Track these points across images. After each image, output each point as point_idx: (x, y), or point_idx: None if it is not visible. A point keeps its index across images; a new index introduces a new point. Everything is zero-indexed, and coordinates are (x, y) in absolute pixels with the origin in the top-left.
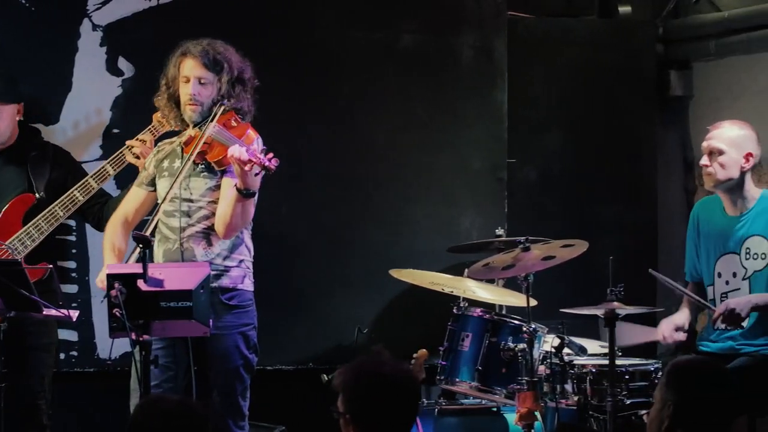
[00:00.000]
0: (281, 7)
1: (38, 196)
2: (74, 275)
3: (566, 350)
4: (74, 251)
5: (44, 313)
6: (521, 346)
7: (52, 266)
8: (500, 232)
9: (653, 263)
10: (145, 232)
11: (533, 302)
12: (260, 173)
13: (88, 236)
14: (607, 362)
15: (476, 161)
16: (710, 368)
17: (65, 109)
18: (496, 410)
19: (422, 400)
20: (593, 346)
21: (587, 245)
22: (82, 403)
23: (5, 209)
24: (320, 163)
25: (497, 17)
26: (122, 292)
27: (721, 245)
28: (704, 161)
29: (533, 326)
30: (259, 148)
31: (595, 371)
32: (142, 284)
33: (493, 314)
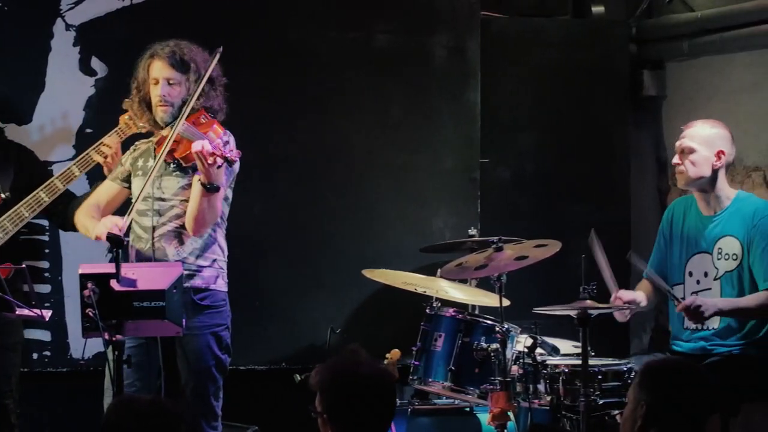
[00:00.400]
0: (255, 6)
1: (4, 196)
2: (47, 275)
3: (539, 350)
4: (47, 251)
5: (17, 312)
6: (494, 346)
7: (17, 267)
8: (473, 232)
9: (626, 262)
10: (126, 220)
11: (506, 302)
12: (223, 165)
13: (60, 236)
14: (579, 362)
15: (449, 161)
16: (683, 368)
17: (38, 108)
18: (469, 410)
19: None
20: (566, 346)
21: (560, 245)
22: (55, 403)
23: None
24: (293, 163)
25: (470, 17)
26: (95, 292)
27: (693, 244)
28: (676, 159)
29: (506, 326)
30: (224, 140)
31: (567, 371)
32: (115, 284)
33: (466, 314)
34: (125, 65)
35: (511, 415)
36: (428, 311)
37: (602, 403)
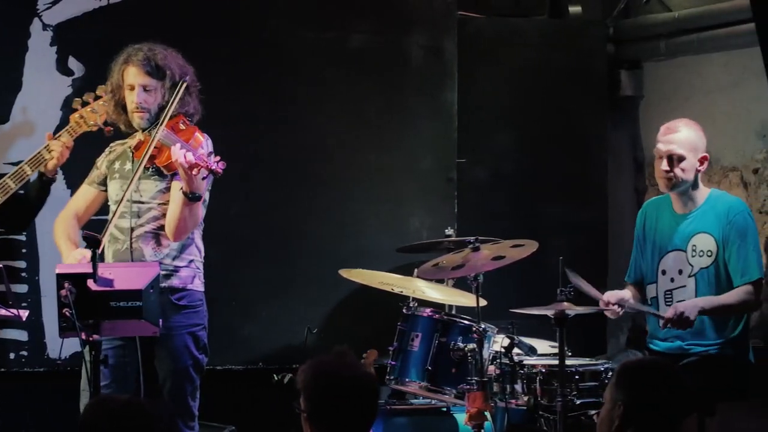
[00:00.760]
0: (232, 6)
1: None
2: (24, 275)
3: (516, 350)
4: (24, 251)
5: None
6: (471, 346)
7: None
8: (450, 232)
9: (603, 263)
10: (103, 235)
11: (483, 302)
12: (207, 177)
13: (38, 236)
14: (557, 362)
15: (426, 161)
16: (660, 368)
17: (15, 108)
18: (445, 410)
19: None
20: (543, 346)
21: (537, 245)
22: (32, 402)
23: None
24: (270, 163)
25: (447, 17)
26: (72, 291)
27: (666, 242)
28: (664, 166)
29: (483, 326)
30: (207, 150)
31: (545, 371)
32: (92, 284)
33: (442, 314)
34: (102, 65)
35: (488, 415)
36: (405, 311)
37: (579, 403)
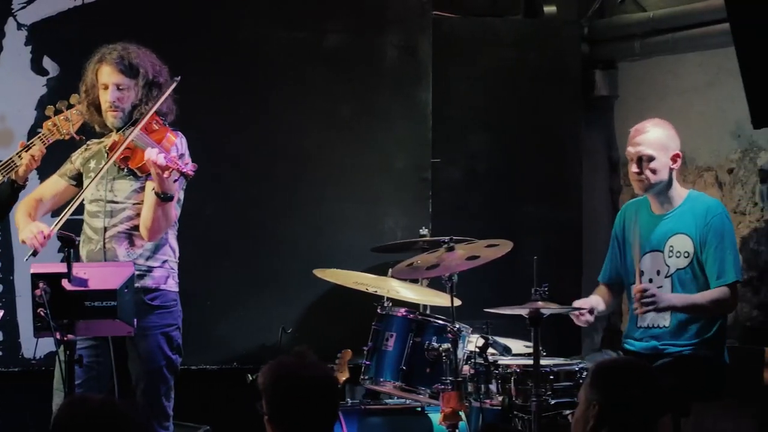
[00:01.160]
0: (206, 6)
1: None
2: None
3: (491, 350)
4: None
5: None
6: (445, 346)
7: None
8: (424, 231)
9: (578, 263)
10: (53, 228)
11: (457, 302)
12: (179, 179)
13: (12, 236)
14: (531, 362)
15: (400, 161)
16: (634, 368)
17: None
18: (420, 410)
19: (346, 399)
20: (518, 346)
21: (512, 245)
22: (6, 402)
23: None
24: (244, 162)
25: (422, 17)
26: (47, 291)
27: (645, 242)
28: (635, 168)
29: (458, 326)
30: (182, 148)
31: (519, 371)
32: (66, 284)
33: (417, 314)
34: (77, 65)
35: (462, 415)
36: (379, 311)
37: (554, 403)
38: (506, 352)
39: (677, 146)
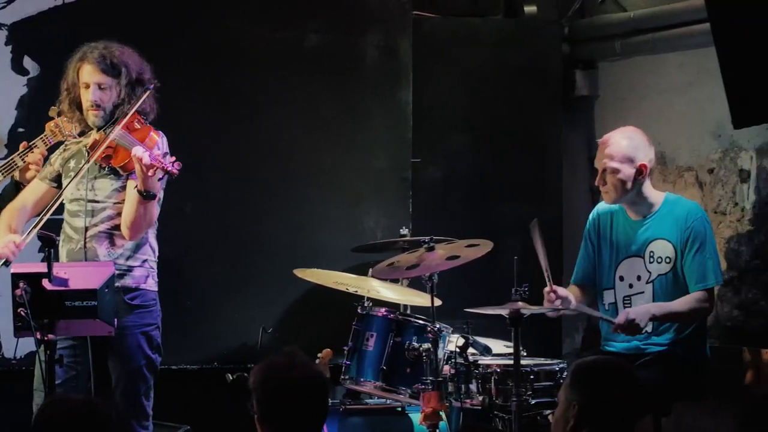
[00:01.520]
0: (187, 5)
1: None
2: None
3: (471, 350)
4: None
5: None
6: (426, 345)
7: None
8: (405, 231)
9: (558, 263)
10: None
11: (438, 302)
12: (163, 177)
13: None
14: (511, 362)
15: (381, 161)
16: (615, 368)
17: None
18: (400, 410)
19: None
20: (498, 346)
21: (492, 245)
22: None
23: None
24: (224, 162)
25: (402, 17)
26: (27, 291)
27: (623, 248)
28: (599, 181)
29: (438, 326)
30: (163, 148)
31: (499, 371)
32: (47, 283)
33: (397, 314)
34: (58, 64)
35: (442, 414)
36: (360, 311)
37: (534, 403)
38: (486, 352)
39: (646, 155)
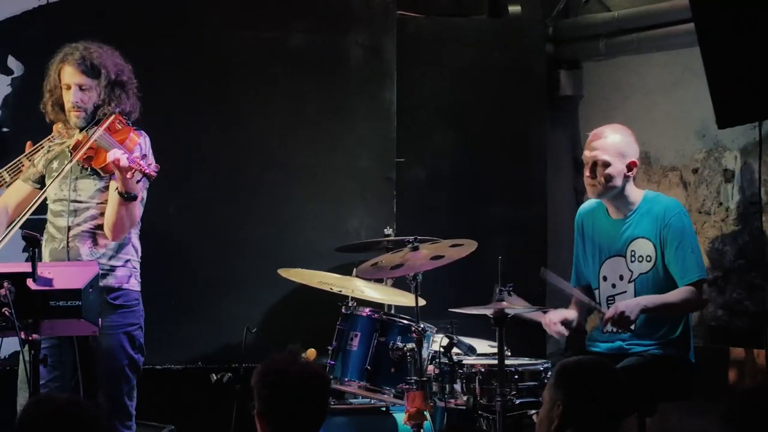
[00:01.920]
0: (171, 6)
1: None
2: None
3: (455, 350)
4: None
5: None
6: (410, 345)
7: None
8: (389, 231)
9: (542, 262)
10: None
11: (422, 302)
12: (141, 179)
13: None
14: (496, 362)
15: (365, 160)
16: (599, 368)
17: None
18: (385, 410)
19: None
20: (482, 345)
21: (476, 245)
22: None
23: None
24: (208, 162)
25: (386, 17)
26: (11, 291)
27: (606, 248)
28: (588, 173)
29: (422, 326)
30: (145, 149)
31: (484, 371)
32: (31, 283)
33: (381, 314)
34: (42, 64)
35: (427, 414)
36: (344, 311)
37: (519, 402)
38: (471, 351)
39: (635, 154)
